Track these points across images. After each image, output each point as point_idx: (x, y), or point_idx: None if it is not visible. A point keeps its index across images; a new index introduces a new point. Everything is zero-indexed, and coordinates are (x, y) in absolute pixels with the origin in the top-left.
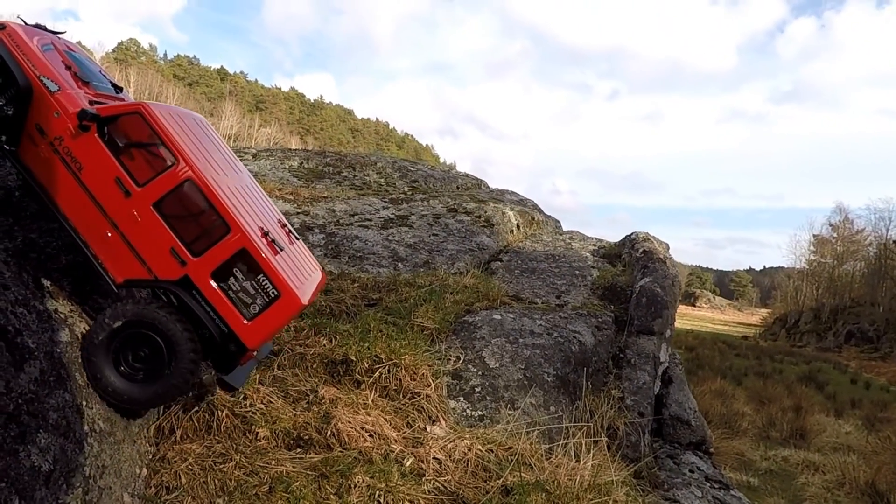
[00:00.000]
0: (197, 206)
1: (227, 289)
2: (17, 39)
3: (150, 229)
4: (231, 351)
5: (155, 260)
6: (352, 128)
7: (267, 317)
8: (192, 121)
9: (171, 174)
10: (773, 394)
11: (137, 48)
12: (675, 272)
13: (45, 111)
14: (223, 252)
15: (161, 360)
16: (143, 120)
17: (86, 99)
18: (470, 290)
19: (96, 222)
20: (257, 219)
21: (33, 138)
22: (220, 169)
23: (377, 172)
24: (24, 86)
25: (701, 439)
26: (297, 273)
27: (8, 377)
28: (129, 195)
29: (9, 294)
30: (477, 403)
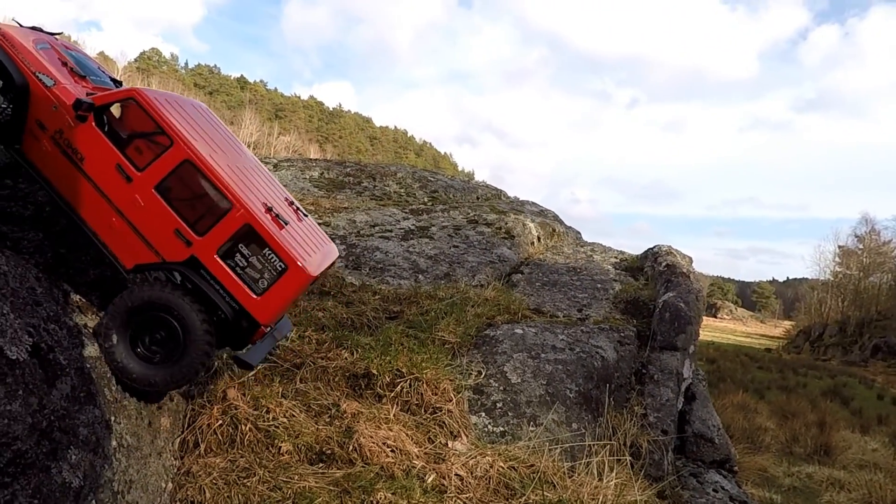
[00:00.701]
0: (198, 186)
1: (235, 265)
2: (11, 40)
3: (153, 212)
4: (244, 327)
5: (161, 243)
6: (370, 136)
7: (276, 290)
8: (190, 105)
9: (169, 156)
10: (797, 408)
11: (159, 57)
12: (698, 287)
13: (44, 106)
14: (227, 229)
15: (177, 342)
16: (137, 105)
17: (83, 91)
18: (491, 304)
19: (102, 211)
20: (260, 195)
21: (35, 134)
22: (220, 149)
23: (397, 183)
24: (20, 83)
25: (725, 457)
26: (305, 245)
27: (41, 394)
28: (130, 180)
29: (41, 310)
30: (498, 419)
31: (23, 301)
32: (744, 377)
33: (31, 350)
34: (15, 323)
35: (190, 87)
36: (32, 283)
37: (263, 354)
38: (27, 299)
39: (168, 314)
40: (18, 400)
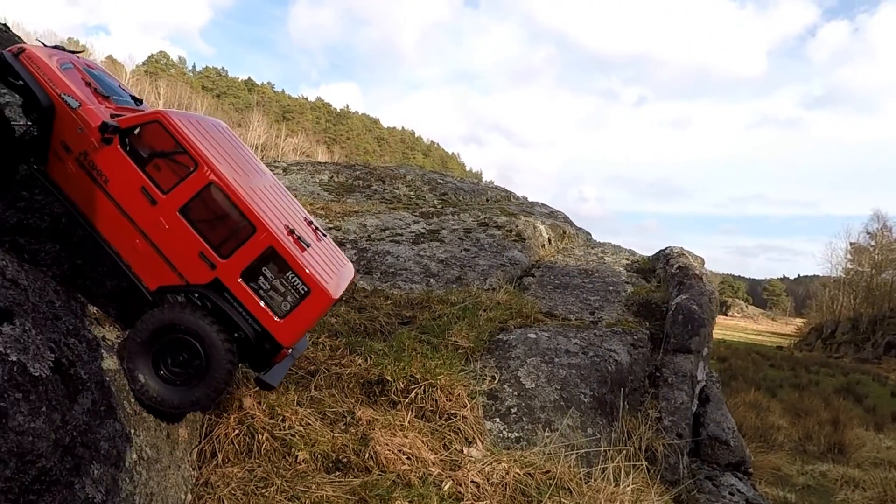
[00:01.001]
0: (222, 209)
1: (258, 288)
2: (36, 61)
3: (177, 235)
4: (266, 349)
5: (185, 265)
6: (378, 137)
7: (299, 313)
8: (212, 126)
9: (194, 179)
10: (810, 406)
11: (167, 61)
12: (711, 288)
13: (69, 128)
14: (251, 252)
15: (199, 364)
16: (162, 127)
17: (107, 113)
18: (503, 307)
19: (126, 232)
20: (282, 217)
21: (59, 155)
22: (242, 170)
23: (407, 185)
24: (46, 105)
25: (740, 460)
26: (326, 267)
27: (64, 410)
28: (154, 203)
29: (61, 324)
30: (513, 425)
31: (43, 316)
32: (756, 375)
33: (52, 366)
34: (37, 339)
35: (198, 90)
36: (51, 297)
37: (283, 374)
38: (47, 313)
39: (191, 336)
40: (42, 416)
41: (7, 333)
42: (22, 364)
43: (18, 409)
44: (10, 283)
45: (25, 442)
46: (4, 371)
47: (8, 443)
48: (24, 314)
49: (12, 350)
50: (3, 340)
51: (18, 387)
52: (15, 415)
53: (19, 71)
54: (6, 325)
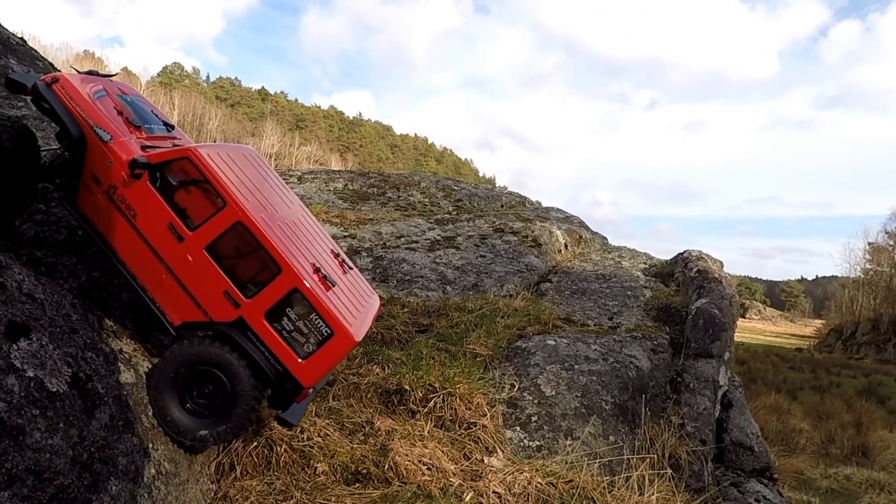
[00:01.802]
0: (248, 248)
1: (281, 329)
2: (70, 91)
3: (203, 273)
4: (287, 389)
5: (209, 302)
6: (391, 144)
7: (321, 355)
8: (241, 156)
9: (222, 217)
10: (832, 409)
11: (181, 72)
12: (731, 292)
13: (100, 160)
14: (275, 293)
15: (224, 397)
16: (192, 164)
17: (137, 144)
18: (521, 314)
19: (152, 267)
20: (309, 255)
21: (90, 188)
22: (271, 205)
23: (421, 192)
24: (77, 137)
25: (765, 465)
26: (351, 307)
27: (81, 426)
28: (181, 240)
29: (78, 338)
30: (534, 433)
31: (60, 330)
32: (775, 378)
33: (70, 381)
34: (54, 354)
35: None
36: (68, 310)
37: (304, 411)
38: (64, 327)
39: (216, 368)
40: (60, 433)
41: (24, 349)
42: (39, 379)
43: (36, 426)
44: (26, 297)
45: (43, 459)
46: (21, 387)
47: (25, 460)
48: (40, 328)
49: (29, 365)
50: (20, 356)
51: (35, 403)
52: (32, 431)
53: (52, 102)
54: (23, 340)
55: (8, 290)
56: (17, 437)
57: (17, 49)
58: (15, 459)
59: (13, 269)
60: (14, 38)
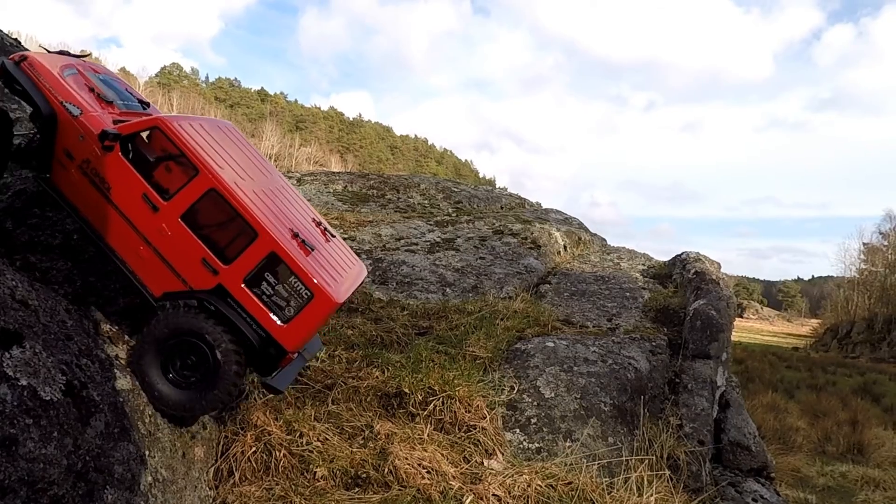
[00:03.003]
0: (223, 215)
1: (261, 293)
2: (38, 68)
3: (180, 242)
4: (271, 354)
5: (188, 271)
6: (391, 145)
7: (302, 318)
8: (216, 128)
9: (195, 185)
10: (828, 407)
11: (180, 72)
12: (728, 293)
13: (71, 135)
14: (253, 258)
15: (207, 367)
16: (162, 133)
17: (109, 119)
18: (520, 316)
19: (129, 239)
20: (287, 221)
21: (63, 163)
22: (246, 174)
23: (421, 194)
24: (47, 113)
25: (762, 465)
26: (332, 271)
27: (76, 434)
28: (156, 210)
29: (72, 345)
30: (533, 435)
31: (54, 336)
32: (772, 377)
33: (64, 389)
34: (48, 361)
35: (211, 101)
36: (63, 316)
37: (292, 378)
38: (58, 334)
39: (198, 339)
40: (53, 442)
41: (17, 357)
42: (32, 388)
43: (29, 436)
44: (20, 304)
45: (36, 469)
46: (14, 396)
47: (18, 471)
48: (34, 336)
49: (22, 374)
50: (12, 364)
51: (28, 412)
52: (25, 441)
53: (20, 79)
54: (16, 349)
55: (1, 297)
56: (9, 448)
57: (10, 50)
58: (7, 470)
59: (6, 276)
60: (8, 38)
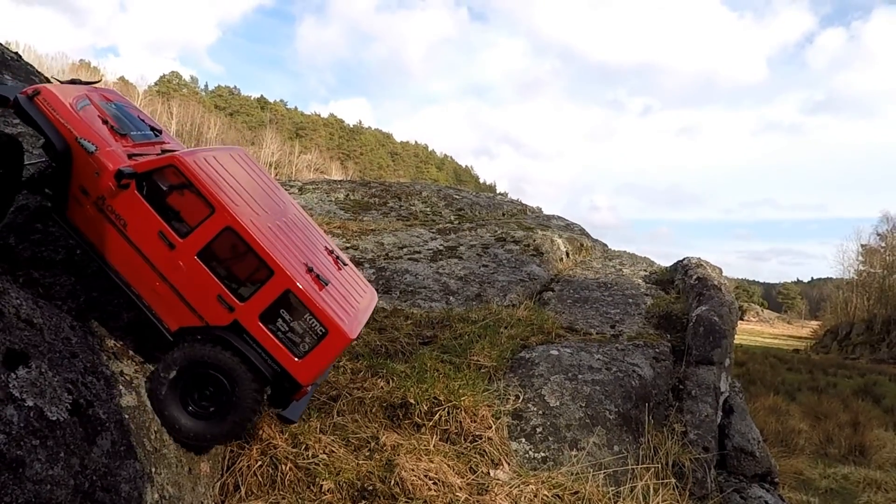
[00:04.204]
0: (239, 252)
1: (276, 330)
2: (52, 102)
3: (196, 278)
4: (285, 388)
5: (204, 307)
6: (391, 151)
7: (317, 354)
8: (229, 158)
9: (211, 223)
10: (829, 409)
11: (179, 81)
12: (731, 299)
13: (86, 172)
14: (268, 295)
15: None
16: (178, 171)
17: (124, 153)
18: (524, 324)
19: (145, 275)
20: (301, 254)
21: (78, 199)
22: (261, 207)
23: (422, 202)
24: (62, 150)
25: (766, 470)
26: (345, 304)
27: (82, 454)
28: (173, 247)
29: (78, 363)
30: (539, 445)
31: (59, 355)
32: (774, 379)
33: (70, 408)
34: (53, 381)
35: (210, 110)
36: (67, 333)
37: (304, 408)
38: (63, 352)
39: (216, 371)
40: (60, 463)
41: (23, 377)
42: (38, 409)
43: (36, 457)
44: (24, 323)
45: (43, 491)
46: (21, 417)
47: (25, 493)
48: (39, 355)
49: (28, 394)
50: (18, 385)
51: (35, 433)
52: (32, 463)
53: (34, 116)
54: (21, 369)
55: (6, 316)
56: (16, 470)
57: (11, 64)
58: (14, 493)
59: (10, 294)
60: (8, 52)
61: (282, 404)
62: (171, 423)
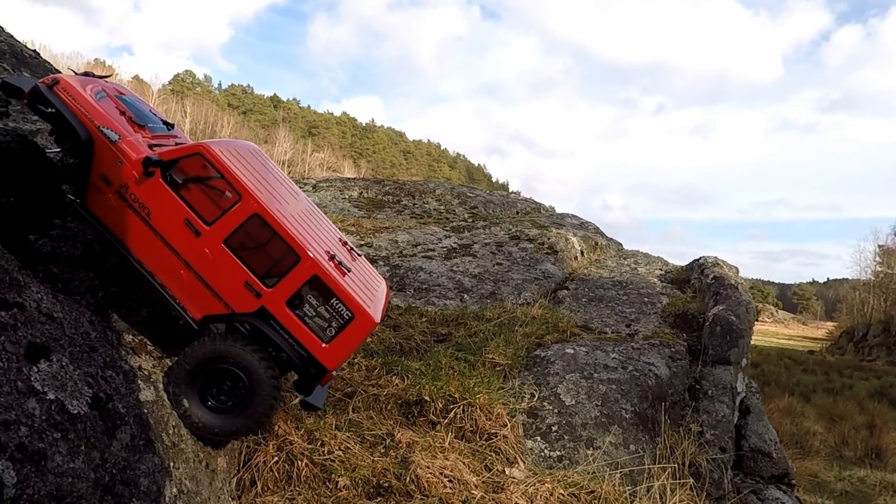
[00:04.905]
0: (265, 238)
1: (303, 315)
2: (72, 92)
3: (222, 266)
4: (311, 373)
5: (231, 295)
6: (404, 150)
7: (343, 338)
8: (248, 152)
9: (238, 210)
10: (844, 411)
11: (193, 79)
12: (748, 298)
13: (109, 161)
14: (295, 281)
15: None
16: (204, 160)
17: (144, 143)
18: (539, 322)
19: (170, 264)
20: (322, 243)
21: (99, 188)
22: (282, 198)
23: (436, 200)
24: (85, 138)
25: (783, 472)
26: (366, 291)
27: (103, 447)
28: (199, 234)
29: (97, 357)
30: (555, 443)
31: (79, 349)
32: (789, 380)
33: (90, 401)
34: (74, 374)
35: (224, 108)
36: (87, 328)
37: (326, 393)
38: (83, 346)
39: (233, 366)
40: (81, 456)
41: (44, 370)
42: (60, 402)
43: (57, 450)
44: (45, 317)
45: (65, 484)
46: (42, 410)
47: (47, 485)
48: (60, 349)
49: (49, 388)
50: (40, 378)
51: (57, 426)
52: (54, 455)
53: (56, 104)
54: (43, 362)
55: (27, 310)
56: (38, 462)
57: (30, 62)
58: (36, 485)
59: (31, 289)
60: (27, 50)
61: (306, 390)
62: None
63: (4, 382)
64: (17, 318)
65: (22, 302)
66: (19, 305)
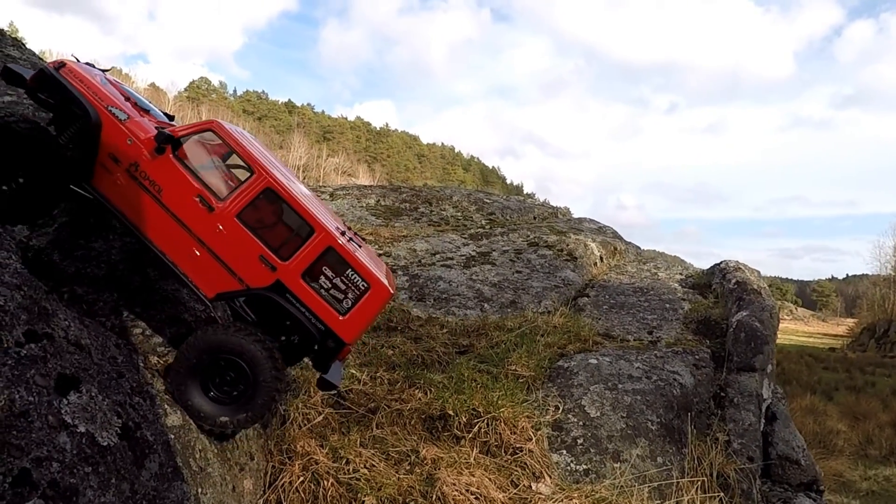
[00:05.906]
0: (279, 212)
1: (319, 288)
2: (77, 75)
3: (237, 241)
4: (329, 348)
5: (245, 269)
6: (418, 153)
7: (360, 309)
8: (251, 137)
9: (251, 185)
10: (868, 409)
11: (208, 86)
12: (771, 303)
13: (118, 140)
14: (311, 253)
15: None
16: (216, 135)
17: (151, 125)
18: (561, 331)
19: (182, 241)
20: (330, 221)
21: (107, 167)
22: (287, 178)
23: (453, 206)
24: (95, 119)
25: (812, 479)
26: (378, 264)
27: (132, 478)
28: (212, 210)
29: (124, 383)
30: (581, 457)
31: (107, 377)
32: (810, 379)
33: (120, 432)
34: (103, 404)
35: (239, 114)
36: (113, 352)
37: (341, 372)
38: (111, 373)
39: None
40: (112, 489)
41: (74, 402)
42: (90, 435)
43: (88, 484)
44: (73, 346)
45: None
46: (73, 444)
47: None
48: (89, 379)
49: (80, 420)
50: (70, 411)
51: (87, 459)
52: (85, 490)
53: (64, 84)
54: (73, 394)
55: (56, 341)
56: (70, 499)
57: None
58: None
59: (59, 316)
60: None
61: (324, 366)
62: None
63: (36, 418)
64: (47, 349)
65: (50, 332)
66: (48, 336)
